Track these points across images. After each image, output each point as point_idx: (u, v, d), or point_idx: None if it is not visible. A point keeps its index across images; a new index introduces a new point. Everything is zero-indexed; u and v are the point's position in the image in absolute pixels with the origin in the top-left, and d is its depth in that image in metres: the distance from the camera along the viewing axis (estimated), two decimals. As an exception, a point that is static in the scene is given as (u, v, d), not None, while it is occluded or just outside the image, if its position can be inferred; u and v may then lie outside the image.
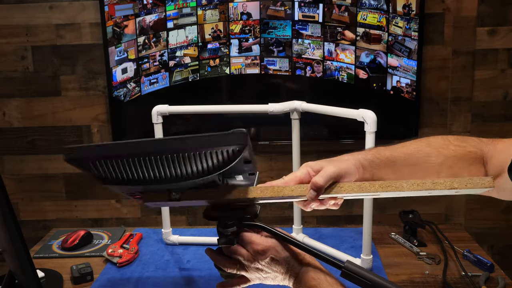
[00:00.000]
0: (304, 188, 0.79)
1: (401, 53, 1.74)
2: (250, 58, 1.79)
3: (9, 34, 1.85)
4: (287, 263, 0.79)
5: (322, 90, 1.80)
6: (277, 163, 1.89)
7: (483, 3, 1.76)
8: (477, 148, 0.87)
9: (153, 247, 1.52)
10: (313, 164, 0.84)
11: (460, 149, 0.86)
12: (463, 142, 0.88)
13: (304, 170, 0.83)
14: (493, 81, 1.82)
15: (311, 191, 0.78)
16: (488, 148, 0.87)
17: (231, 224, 0.79)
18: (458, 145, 0.87)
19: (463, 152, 0.86)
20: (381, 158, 0.86)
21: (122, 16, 1.75)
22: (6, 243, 0.81)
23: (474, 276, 1.28)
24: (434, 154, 0.86)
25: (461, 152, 0.86)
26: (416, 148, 0.88)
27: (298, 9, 1.74)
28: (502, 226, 1.92)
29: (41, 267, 1.36)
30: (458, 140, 0.88)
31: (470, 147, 0.87)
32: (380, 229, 1.60)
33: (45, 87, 1.89)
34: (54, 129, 1.93)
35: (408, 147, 0.88)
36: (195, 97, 1.82)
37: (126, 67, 1.80)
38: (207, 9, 1.75)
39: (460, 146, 0.87)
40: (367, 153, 0.87)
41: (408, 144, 0.89)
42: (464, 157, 0.86)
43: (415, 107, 1.79)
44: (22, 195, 1.98)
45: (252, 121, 1.84)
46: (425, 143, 0.89)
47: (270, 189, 0.78)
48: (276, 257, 0.78)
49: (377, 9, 1.72)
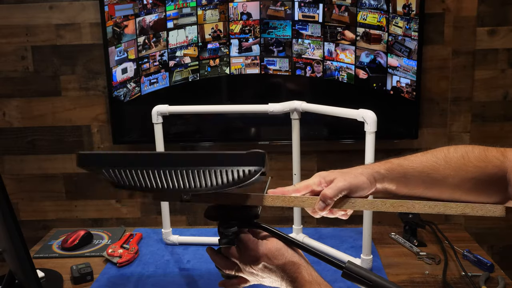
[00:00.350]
0: (314, 200, 0.79)
1: (401, 53, 1.74)
2: (250, 58, 1.79)
3: (9, 34, 1.85)
4: (281, 271, 0.77)
5: (322, 90, 1.80)
6: (277, 163, 1.89)
7: (483, 3, 1.76)
8: (499, 168, 0.79)
9: (153, 247, 1.52)
10: (326, 174, 0.83)
11: (479, 171, 0.79)
12: (484, 161, 0.79)
13: (316, 180, 0.82)
14: (493, 81, 1.82)
15: (320, 202, 0.78)
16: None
17: (232, 224, 0.79)
18: (478, 166, 0.79)
19: (482, 174, 0.79)
20: (395, 173, 0.82)
21: (122, 16, 1.75)
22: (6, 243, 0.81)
23: (474, 276, 1.28)
24: (451, 176, 0.80)
25: (480, 174, 0.79)
26: (433, 166, 0.81)
27: (298, 9, 1.74)
28: (502, 226, 1.92)
29: (41, 267, 1.36)
30: (479, 160, 0.80)
31: (491, 168, 0.79)
32: (380, 229, 1.60)
33: (45, 87, 1.89)
34: (54, 129, 1.93)
35: (425, 163, 0.82)
36: (195, 97, 1.82)
37: (126, 67, 1.80)
38: (207, 9, 1.75)
39: (480, 167, 0.79)
40: (380, 166, 0.83)
41: (424, 159, 0.82)
42: (483, 179, 0.79)
43: (415, 107, 1.79)
44: (22, 195, 1.98)
45: (252, 121, 1.84)
46: (444, 160, 0.81)
47: (281, 199, 0.79)
48: (269, 265, 0.77)
49: (377, 9, 1.72)
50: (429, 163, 0.81)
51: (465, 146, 0.82)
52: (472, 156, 0.80)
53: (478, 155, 0.80)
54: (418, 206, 0.77)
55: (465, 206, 0.76)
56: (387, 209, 0.78)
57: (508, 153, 0.80)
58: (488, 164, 0.79)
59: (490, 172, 0.78)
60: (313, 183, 0.83)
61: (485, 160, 0.79)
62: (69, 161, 1.95)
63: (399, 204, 0.78)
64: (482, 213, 0.76)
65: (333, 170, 0.84)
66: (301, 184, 0.83)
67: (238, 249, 0.79)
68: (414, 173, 0.81)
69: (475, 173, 0.79)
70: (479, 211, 0.76)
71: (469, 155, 0.80)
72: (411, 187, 0.82)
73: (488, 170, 0.79)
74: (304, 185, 0.83)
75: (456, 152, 0.81)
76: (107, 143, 1.92)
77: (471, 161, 0.79)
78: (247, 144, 1.84)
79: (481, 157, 0.80)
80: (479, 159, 0.80)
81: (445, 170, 0.80)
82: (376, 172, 0.82)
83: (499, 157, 0.79)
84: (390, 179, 0.82)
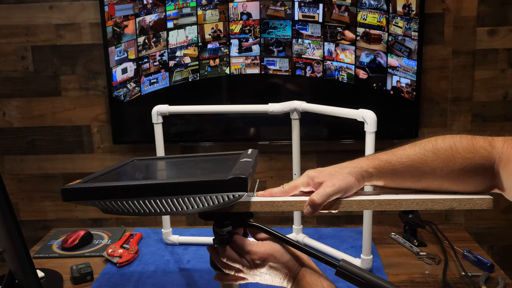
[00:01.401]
0: (302, 204, 0.79)
1: (401, 53, 1.74)
2: (250, 58, 1.79)
3: (9, 34, 1.85)
4: (286, 268, 0.78)
5: (322, 90, 1.80)
6: (277, 163, 1.89)
7: (483, 3, 1.76)
8: (486, 159, 0.79)
9: (153, 247, 1.52)
10: (314, 175, 0.82)
11: (467, 162, 0.80)
12: (472, 152, 0.80)
13: (304, 180, 0.82)
14: (493, 81, 1.82)
15: (308, 207, 0.78)
16: (503, 151, 0.79)
17: (226, 224, 0.79)
18: (466, 157, 0.80)
19: (470, 164, 0.80)
20: (384, 171, 0.82)
21: (122, 16, 1.75)
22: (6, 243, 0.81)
23: (474, 276, 1.28)
24: (440, 168, 0.80)
25: (468, 165, 0.80)
26: (421, 159, 0.81)
27: (298, 9, 1.74)
28: (502, 226, 1.92)
29: (41, 267, 1.36)
30: (467, 150, 0.80)
31: (478, 158, 0.79)
32: (380, 229, 1.60)
33: (45, 87, 1.89)
34: (54, 129, 1.93)
35: (413, 157, 0.82)
36: (195, 97, 1.82)
37: (126, 67, 1.80)
38: (207, 9, 1.75)
39: (468, 158, 0.80)
40: (369, 165, 0.83)
41: (412, 152, 0.82)
42: (471, 170, 0.80)
43: (415, 107, 1.79)
44: (22, 195, 1.98)
45: (252, 121, 1.84)
46: (432, 152, 0.81)
47: (270, 204, 0.80)
48: (275, 264, 0.78)
49: (377, 9, 1.72)
50: (417, 156, 0.82)
51: (452, 136, 0.83)
52: (460, 147, 0.81)
53: (466, 145, 0.81)
54: (405, 204, 0.77)
55: (452, 201, 0.77)
56: (375, 208, 0.78)
57: (496, 143, 0.80)
58: (476, 155, 0.80)
59: (478, 163, 0.79)
60: (301, 183, 0.83)
61: (472, 151, 0.80)
62: (69, 161, 1.95)
63: (386, 203, 0.78)
64: (470, 207, 0.77)
65: (321, 169, 0.83)
66: (289, 185, 0.83)
67: (238, 252, 0.79)
68: (402, 169, 0.82)
69: (463, 164, 0.80)
70: (466, 205, 0.77)
71: (457, 145, 0.81)
72: (399, 181, 0.83)
73: (475, 161, 0.79)
74: (292, 186, 0.83)
75: (444, 143, 0.82)
76: (107, 143, 1.92)
77: (459, 152, 0.80)
78: (247, 144, 1.84)
79: (469, 148, 0.81)
80: (467, 149, 0.80)
81: (434, 162, 0.81)
82: (364, 171, 0.82)
83: (486, 147, 0.80)
84: (378, 177, 0.83)
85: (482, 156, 0.79)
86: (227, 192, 0.70)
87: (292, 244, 0.78)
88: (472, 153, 0.80)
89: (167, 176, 1.02)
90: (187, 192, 0.70)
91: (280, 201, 0.80)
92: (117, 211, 0.75)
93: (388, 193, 0.81)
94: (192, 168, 0.96)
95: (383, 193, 0.82)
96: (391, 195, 0.80)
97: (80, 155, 1.94)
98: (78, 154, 1.94)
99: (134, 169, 0.95)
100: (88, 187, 0.72)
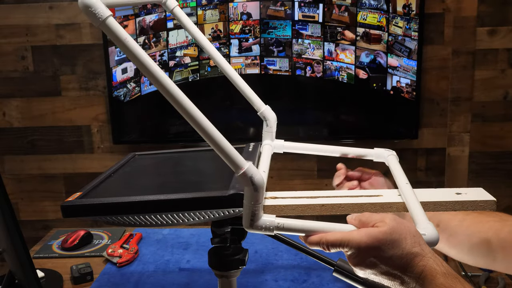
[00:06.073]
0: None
1: (401, 53, 1.74)
2: (250, 58, 1.79)
3: (9, 34, 1.85)
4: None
5: (322, 90, 1.80)
6: (277, 163, 1.89)
7: (483, 3, 1.76)
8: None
9: (153, 247, 1.52)
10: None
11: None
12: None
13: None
14: (493, 81, 1.82)
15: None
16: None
17: (225, 223, 0.79)
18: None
19: None
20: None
21: (122, 16, 1.75)
22: (6, 243, 0.81)
23: (474, 276, 1.28)
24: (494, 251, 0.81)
25: None
26: (487, 243, 0.82)
27: (298, 9, 1.74)
28: (502, 226, 1.92)
29: (41, 267, 1.36)
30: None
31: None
32: (380, 229, 1.60)
33: (45, 87, 1.89)
34: (54, 129, 1.93)
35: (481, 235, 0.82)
36: (195, 97, 1.81)
37: (126, 67, 1.80)
38: (207, 9, 1.75)
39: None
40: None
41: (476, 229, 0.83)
42: None
43: (415, 107, 1.79)
44: (22, 195, 1.98)
45: (252, 121, 1.84)
46: (497, 241, 0.81)
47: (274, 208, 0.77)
48: None
49: (377, 9, 1.72)
50: (484, 237, 0.82)
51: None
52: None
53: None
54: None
55: (455, 204, 0.78)
56: (376, 211, 0.76)
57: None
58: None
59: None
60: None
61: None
62: (69, 161, 1.95)
63: (388, 206, 0.77)
64: (473, 209, 0.78)
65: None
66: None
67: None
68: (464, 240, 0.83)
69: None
70: (469, 207, 0.78)
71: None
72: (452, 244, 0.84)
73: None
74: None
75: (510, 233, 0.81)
76: (107, 143, 1.92)
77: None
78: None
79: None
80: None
81: (495, 247, 0.81)
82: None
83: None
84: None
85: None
86: (227, 208, 0.70)
87: (290, 244, 0.78)
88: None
89: (167, 184, 0.99)
90: (187, 208, 0.70)
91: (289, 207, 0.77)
92: (118, 223, 0.75)
93: (389, 194, 0.81)
94: (192, 172, 0.95)
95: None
96: (393, 198, 0.79)
97: (80, 155, 1.94)
98: (78, 154, 1.94)
99: (135, 171, 0.94)
100: (88, 204, 0.73)
